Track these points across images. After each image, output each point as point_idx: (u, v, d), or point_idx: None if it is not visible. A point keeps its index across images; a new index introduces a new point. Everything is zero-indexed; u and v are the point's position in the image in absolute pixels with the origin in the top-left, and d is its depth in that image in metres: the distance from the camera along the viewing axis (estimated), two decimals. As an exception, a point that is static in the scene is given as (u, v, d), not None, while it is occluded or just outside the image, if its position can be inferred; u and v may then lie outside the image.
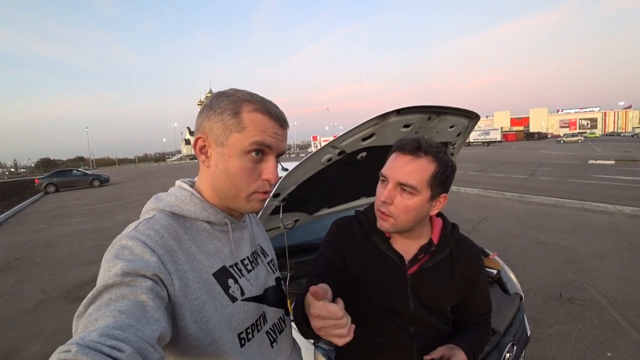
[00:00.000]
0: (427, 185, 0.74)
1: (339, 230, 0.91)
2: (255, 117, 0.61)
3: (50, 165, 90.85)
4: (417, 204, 0.74)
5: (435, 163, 0.74)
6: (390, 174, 0.76)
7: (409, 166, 0.74)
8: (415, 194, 0.74)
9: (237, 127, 0.60)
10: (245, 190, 0.63)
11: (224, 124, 0.61)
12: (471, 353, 0.84)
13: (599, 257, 4.05)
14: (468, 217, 6.38)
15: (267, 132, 0.62)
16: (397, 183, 0.74)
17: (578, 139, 41.59)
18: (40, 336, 2.98)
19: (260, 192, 0.65)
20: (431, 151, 0.74)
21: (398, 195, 0.75)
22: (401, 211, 0.75)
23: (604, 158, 15.29)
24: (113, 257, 0.51)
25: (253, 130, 0.60)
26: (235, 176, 0.62)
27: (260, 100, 0.63)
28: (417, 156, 0.74)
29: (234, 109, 0.61)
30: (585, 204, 6.57)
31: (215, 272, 0.62)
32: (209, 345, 0.58)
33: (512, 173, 12.14)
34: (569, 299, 3.08)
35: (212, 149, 0.63)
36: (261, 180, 0.64)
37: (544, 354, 2.35)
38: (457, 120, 1.60)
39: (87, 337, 0.38)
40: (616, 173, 10.67)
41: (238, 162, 0.61)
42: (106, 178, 20.18)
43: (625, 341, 2.43)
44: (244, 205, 0.65)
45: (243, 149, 0.61)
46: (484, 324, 0.96)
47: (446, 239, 0.85)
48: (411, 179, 0.73)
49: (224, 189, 0.64)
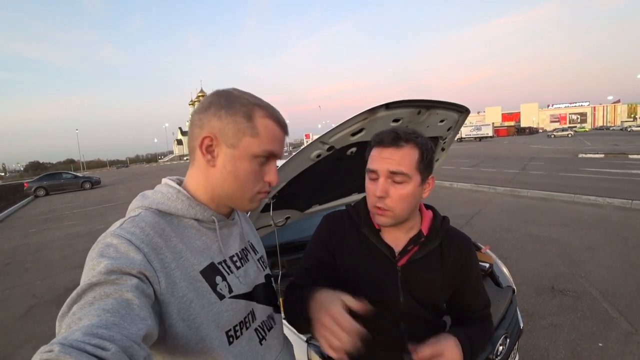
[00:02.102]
0: (417, 170, 0.75)
1: (329, 224, 0.91)
2: (268, 124, 0.63)
3: (39, 169, 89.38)
4: (411, 191, 0.75)
5: (417, 148, 0.76)
6: (380, 167, 0.76)
7: (395, 156, 0.75)
8: (408, 182, 0.75)
9: (251, 131, 0.61)
10: (250, 191, 0.65)
11: (236, 126, 0.61)
12: (468, 343, 0.78)
13: (589, 249, 4.11)
14: (461, 212, 6.43)
15: (276, 140, 0.65)
16: (389, 174, 0.75)
17: (568, 134, 42.20)
18: (32, 341, 2.94)
19: (262, 192, 0.67)
20: (410, 138, 0.76)
21: (391, 187, 0.75)
22: (398, 201, 0.75)
23: (594, 152, 15.48)
24: (97, 255, 0.50)
25: (266, 138, 0.63)
26: (244, 178, 0.63)
27: (269, 106, 0.66)
28: (399, 146, 0.75)
29: (247, 112, 0.61)
30: (575, 197, 6.67)
31: (203, 270, 0.61)
32: (196, 343, 0.58)
33: (503, 168, 12.25)
34: (561, 291, 3.12)
35: (221, 150, 0.62)
36: (263, 182, 0.67)
37: (536, 345, 2.37)
38: (447, 114, 1.60)
39: (70, 336, 0.37)
40: (606, 166, 10.84)
41: (248, 164, 0.63)
42: (97, 180, 19.91)
43: (616, 331, 2.47)
44: (245, 205, 0.67)
45: (254, 154, 0.62)
46: (485, 321, 0.92)
47: (436, 230, 0.85)
48: (402, 166, 0.74)
49: (229, 190, 0.65)
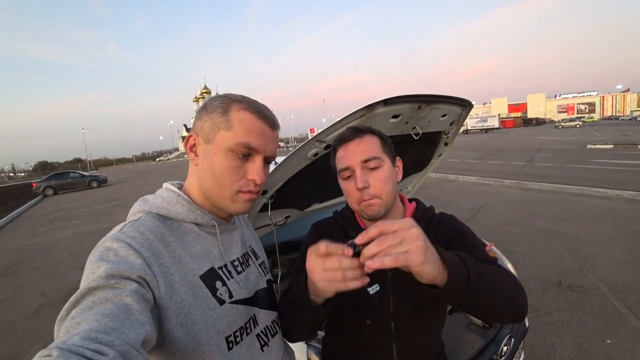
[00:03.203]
0: (384, 153, 0.78)
1: (317, 231, 0.90)
2: (243, 115, 0.61)
3: (47, 168, 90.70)
4: (388, 173, 0.77)
5: (377, 136, 0.79)
6: (352, 161, 0.76)
7: (361, 145, 0.76)
8: (382, 165, 0.76)
9: (224, 124, 0.61)
10: (229, 188, 0.62)
11: (212, 122, 0.62)
12: (460, 261, 0.56)
13: (598, 243, 4.04)
14: (466, 205, 6.37)
15: (253, 132, 0.61)
16: (362, 164, 0.75)
17: (576, 124, 41.50)
18: (42, 340, 2.99)
19: (244, 191, 0.63)
20: (367, 129, 0.79)
21: (369, 175, 0.75)
22: (381, 185, 0.75)
23: (603, 142, 15.20)
24: (97, 259, 0.50)
25: (241, 130, 0.61)
26: (220, 174, 0.61)
27: (251, 101, 0.64)
28: (361, 137, 0.77)
29: (224, 107, 0.62)
30: (584, 190, 6.55)
31: (203, 275, 0.61)
32: (194, 349, 0.57)
33: (510, 160, 12.10)
34: (568, 286, 3.07)
35: (200, 147, 0.64)
36: (246, 180, 0.63)
37: (543, 342, 2.34)
38: (449, 108, 1.56)
39: (69, 340, 0.37)
40: (615, 157, 10.64)
41: (222, 159, 0.61)
42: (104, 179, 20.12)
43: (625, 328, 2.42)
44: (229, 205, 0.64)
45: (228, 147, 0.60)
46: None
47: (418, 219, 0.82)
48: (371, 151, 0.76)
49: (208, 187, 0.63)
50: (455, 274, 0.53)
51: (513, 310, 0.62)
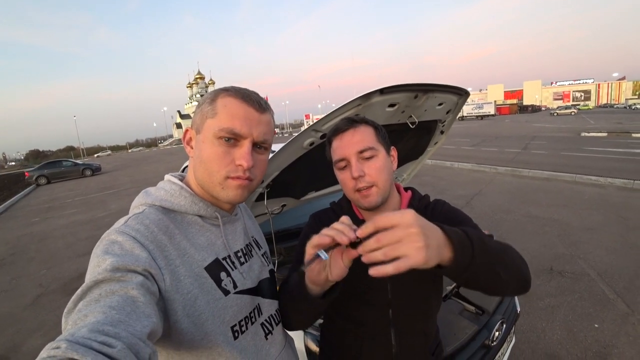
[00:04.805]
0: (379, 143, 0.79)
1: (315, 222, 0.90)
2: (227, 101, 0.62)
3: (40, 157, 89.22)
4: (383, 161, 0.77)
5: (371, 126, 0.80)
6: (347, 152, 0.76)
7: (356, 136, 0.77)
8: (377, 154, 0.77)
9: (211, 113, 0.62)
10: (217, 174, 0.62)
11: (202, 113, 0.63)
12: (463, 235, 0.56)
13: (589, 230, 4.12)
14: (461, 192, 6.43)
15: (237, 116, 0.61)
16: (358, 154, 0.76)
17: (571, 112, 41.56)
18: (41, 330, 2.99)
19: (232, 177, 0.62)
20: (361, 119, 0.80)
21: (364, 165, 0.76)
22: (376, 174, 0.75)
23: (597, 130, 15.29)
24: (102, 253, 0.51)
25: (225, 116, 0.61)
26: (207, 160, 0.62)
27: (239, 89, 0.64)
28: (355, 127, 0.78)
29: (212, 98, 0.63)
30: (577, 177, 6.64)
31: (207, 266, 0.62)
32: (201, 339, 0.58)
33: (505, 147, 12.17)
34: (559, 272, 3.14)
35: (193, 138, 0.65)
36: (234, 165, 0.62)
37: (534, 327, 2.41)
38: (445, 97, 1.55)
39: (77, 333, 0.38)
40: (608, 145, 10.73)
41: (209, 146, 0.61)
42: (97, 167, 19.90)
43: (613, 312, 2.50)
44: (220, 192, 0.64)
45: (214, 134, 0.61)
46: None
47: (413, 208, 0.83)
48: (366, 142, 0.76)
49: (200, 176, 0.64)
50: (460, 250, 0.52)
51: (518, 280, 0.62)
